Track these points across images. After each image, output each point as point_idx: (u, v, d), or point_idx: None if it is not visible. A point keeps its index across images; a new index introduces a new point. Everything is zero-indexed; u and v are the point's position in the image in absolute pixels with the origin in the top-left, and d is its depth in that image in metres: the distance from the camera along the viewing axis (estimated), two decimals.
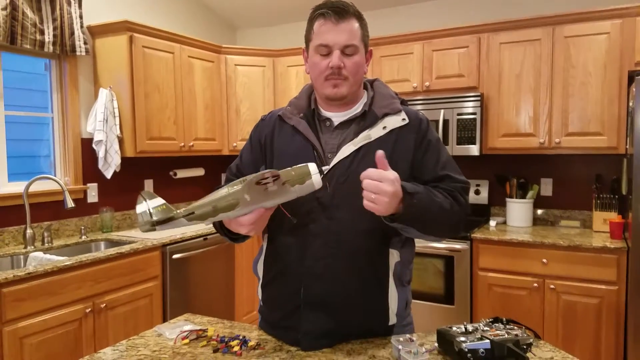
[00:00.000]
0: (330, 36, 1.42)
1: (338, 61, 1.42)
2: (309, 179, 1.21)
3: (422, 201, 1.33)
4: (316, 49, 1.46)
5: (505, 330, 1.31)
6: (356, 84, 1.50)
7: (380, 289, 1.47)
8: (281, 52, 4.47)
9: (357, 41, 1.45)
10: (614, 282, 3.06)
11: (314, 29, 1.47)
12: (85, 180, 3.60)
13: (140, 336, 1.57)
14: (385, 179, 1.23)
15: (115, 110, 3.51)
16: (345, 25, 1.42)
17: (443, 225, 1.44)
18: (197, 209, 1.24)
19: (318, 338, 1.45)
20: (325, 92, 1.48)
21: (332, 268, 1.43)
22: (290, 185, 1.21)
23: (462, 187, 1.48)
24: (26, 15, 3.09)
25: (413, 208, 1.29)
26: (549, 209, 3.87)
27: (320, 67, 1.46)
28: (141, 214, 1.24)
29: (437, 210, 1.37)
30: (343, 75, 1.45)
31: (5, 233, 3.11)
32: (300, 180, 1.21)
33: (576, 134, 3.43)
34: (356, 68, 1.46)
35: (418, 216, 1.33)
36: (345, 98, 1.49)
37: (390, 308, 1.48)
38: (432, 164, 1.48)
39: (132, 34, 3.52)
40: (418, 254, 3.41)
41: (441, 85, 3.83)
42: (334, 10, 1.42)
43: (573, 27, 3.40)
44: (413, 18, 4.34)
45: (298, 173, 1.22)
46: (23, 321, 2.49)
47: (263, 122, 1.65)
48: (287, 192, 1.22)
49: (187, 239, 3.49)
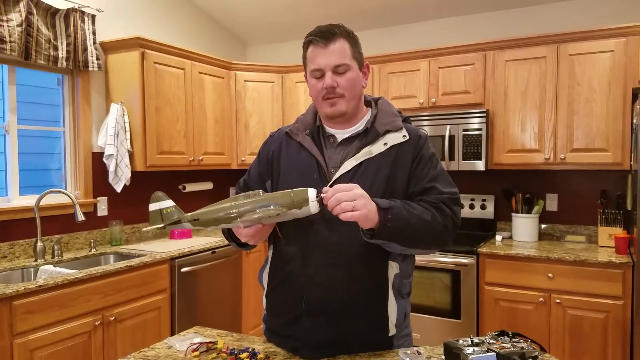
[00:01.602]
0: (321, 60, 1.50)
1: (331, 82, 1.49)
2: (306, 205, 1.26)
3: (399, 215, 1.37)
4: (311, 73, 1.54)
5: (511, 343, 1.33)
6: (354, 99, 1.55)
7: (379, 299, 1.50)
8: (290, 68, 4.53)
9: (348, 59, 1.51)
10: (619, 296, 3.07)
11: (307, 56, 1.56)
12: (96, 194, 3.64)
13: (151, 348, 1.59)
14: (353, 187, 1.31)
15: (126, 124, 3.56)
16: (334, 47, 1.50)
17: (425, 237, 1.46)
18: (202, 216, 1.35)
19: (317, 347, 1.49)
20: (325, 111, 1.55)
21: (333, 277, 1.47)
22: (287, 209, 1.26)
23: (448, 197, 1.50)
24: (40, 31, 3.16)
25: (389, 223, 1.35)
26: (554, 224, 3.88)
27: (316, 89, 1.54)
28: (153, 213, 1.35)
29: (416, 223, 1.40)
30: (338, 94, 1.51)
31: (16, 246, 3.15)
32: (298, 205, 1.27)
33: (581, 150, 3.45)
34: (350, 84, 1.52)
35: (397, 230, 1.37)
36: (344, 114, 1.54)
37: (390, 319, 1.52)
38: (422, 176, 1.52)
39: (144, 50, 3.58)
40: (425, 268, 3.46)
41: (447, 102, 3.87)
42: (321, 35, 1.50)
43: (578, 45, 3.44)
44: (420, 36, 4.40)
45: (297, 200, 1.28)
46: (33, 334, 2.51)
47: (271, 138, 1.72)
48: (285, 215, 1.29)
49: (195, 252, 3.52)
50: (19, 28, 3.01)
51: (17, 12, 3.01)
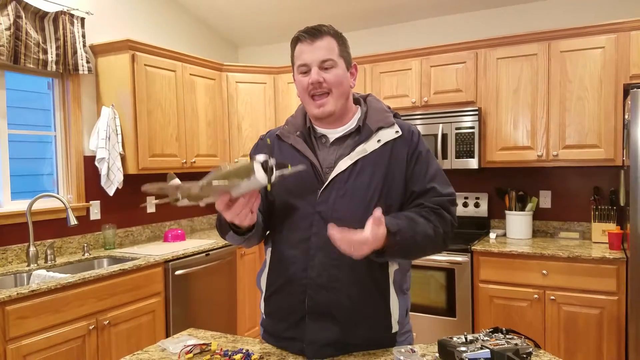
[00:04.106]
0: (307, 55, 1.51)
1: (316, 76, 1.49)
2: (253, 174, 1.25)
3: (406, 236, 1.38)
4: (298, 69, 1.54)
5: (505, 339, 1.33)
6: (341, 97, 1.54)
7: (382, 297, 1.50)
8: (282, 69, 4.53)
9: (335, 56, 1.51)
10: (614, 292, 3.08)
11: (294, 54, 1.56)
12: (88, 198, 3.62)
13: (144, 351, 1.58)
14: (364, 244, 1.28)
15: (117, 127, 3.55)
16: (320, 43, 1.50)
17: (427, 250, 1.51)
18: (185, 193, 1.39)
19: (323, 347, 1.48)
20: (313, 111, 1.55)
21: (335, 278, 1.46)
22: (239, 179, 1.26)
23: (448, 200, 1.52)
24: (29, 34, 3.14)
25: (397, 245, 1.36)
26: (548, 220, 3.90)
27: (302, 85, 1.53)
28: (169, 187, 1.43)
29: (421, 240, 1.42)
30: (324, 89, 1.51)
31: (9, 251, 3.13)
32: (246, 174, 1.25)
33: (573, 147, 3.46)
34: (337, 80, 1.51)
35: (403, 250, 1.39)
36: (332, 114, 1.54)
37: (393, 316, 1.52)
38: (421, 175, 1.52)
39: (134, 53, 3.57)
40: (419, 267, 3.47)
41: (439, 100, 3.87)
42: (309, 32, 1.51)
43: (569, 42, 3.45)
44: (411, 35, 4.41)
45: (244, 167, 1.26)
46: (27, 339, 2.49)
47: (262, 141, 1.71)
48: (238, 187, 1.28)
49: (189, 254, 3.50)
50: (7, 32, 2.99)
51: (5, 16, 2.99)
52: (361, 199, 1.46)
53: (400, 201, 1.51)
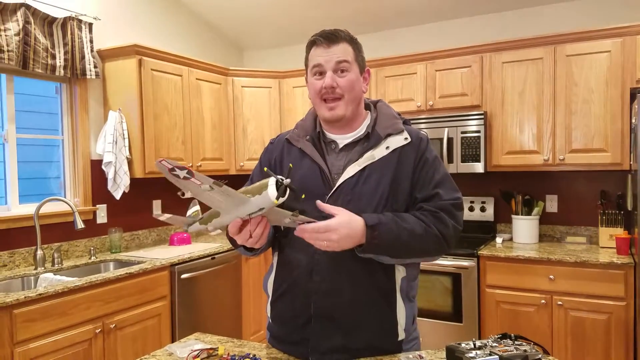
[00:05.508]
0: (323, 58, 1.51)
1: (330, 81, 1.49)
2: (265, 189, 1.25)
3: (387, 231, 1.37)
4: (311, 70, 1.55)
5: (514, 346, 1.32)
6: (353, 102, 1.54)
7: (388, 304, 1.49)
8: (287, 73, 4.54)
9: (350, 59, 1.52)
10: (622, 297, 3.06)
11: (309, 56, 1.57)
12: (95, 201, 3.64)
13: (151, 355, 1.58)
14: (326, 229, 1.31)
15: (124, 132, 3.56)
16: (336, 48, 1.51)
17: (416, 250, 1.45)
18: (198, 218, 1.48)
19: (327, 353, 1.48)
20: (324, 115, 1.54)
21: (341, 284, 1.46)
22: (251, 195, 1.26)
23: (451, 204, 1.49)
24: (38, 40, 3.16)
25: (376, 240, 1.36)
26: (554, 225, 3.88)
27: (315, 88, 1.53)
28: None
29: (407, 237, 1.40)
30: (337, 94, 1.51)
31: (16, 254, 3.14)
32: (258, 191, 1.26)
33: (580, 151, 3.45)
34: (350, 85, 1.51)
35: (385, 246, 1.39)
36: (343, 118, 1.54)
37: (399, 323, 1.51)
38: (426, 181, 1.51)
39: (141, 58, 3.59)
40: (425, 271, 3.45)
41: (445, 104, 3.87)
42: (325, 36, 1.52)
43: (574, 46, 3.44)
44: (416, 39, 4.41)
45: (258, 185, 1.27)
46: (34, 342, 2.50)
47: (272, 145, 1.70)
48: (248, 203, 1.27)
49: (195, 258, 3.51)
50: (16, 37, 3.01)
51: (14, 22, 3.02)
52: (368, 205, 1.46)
53: (406, 207, 1.50)
